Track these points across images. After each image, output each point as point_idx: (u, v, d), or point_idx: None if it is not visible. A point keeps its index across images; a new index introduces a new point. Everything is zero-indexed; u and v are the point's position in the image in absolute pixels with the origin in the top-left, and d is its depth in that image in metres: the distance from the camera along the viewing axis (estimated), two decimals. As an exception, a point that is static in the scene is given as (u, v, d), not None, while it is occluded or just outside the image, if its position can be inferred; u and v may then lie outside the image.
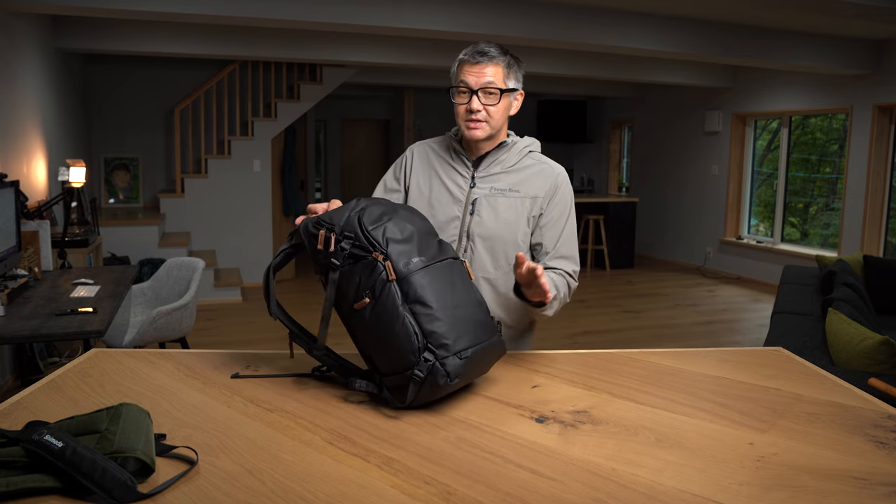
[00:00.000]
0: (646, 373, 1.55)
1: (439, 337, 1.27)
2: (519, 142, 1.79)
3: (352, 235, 1.34)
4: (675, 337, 5.73)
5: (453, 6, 4.99)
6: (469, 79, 1.66)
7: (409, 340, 1.27)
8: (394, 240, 1.34)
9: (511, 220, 1.71)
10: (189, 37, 6.03)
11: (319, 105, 8.26)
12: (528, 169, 1.76)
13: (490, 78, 1.66)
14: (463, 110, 1.69)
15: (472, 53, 1.67)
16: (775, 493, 1.02)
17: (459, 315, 1.32)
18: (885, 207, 6.90)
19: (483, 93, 1.66)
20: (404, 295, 1.29)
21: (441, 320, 1.29)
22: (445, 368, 1.26)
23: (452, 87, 1.71)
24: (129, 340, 3.54)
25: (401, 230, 1.36)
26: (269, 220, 7.45)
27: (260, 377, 1.46)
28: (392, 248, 1.32)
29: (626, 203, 9.10)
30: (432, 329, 1.27)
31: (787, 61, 6.32)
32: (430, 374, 1.26)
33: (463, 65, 1.69)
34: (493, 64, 1.66)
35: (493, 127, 1.70)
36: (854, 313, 3.32)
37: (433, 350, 1.26)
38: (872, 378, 2.25)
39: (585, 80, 8.95)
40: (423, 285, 1.30)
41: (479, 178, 1.74)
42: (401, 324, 1.28)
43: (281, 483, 1.01)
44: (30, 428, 0.98)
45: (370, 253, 1.32)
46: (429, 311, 1.28)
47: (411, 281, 1.30)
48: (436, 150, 1.81)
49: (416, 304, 1.29)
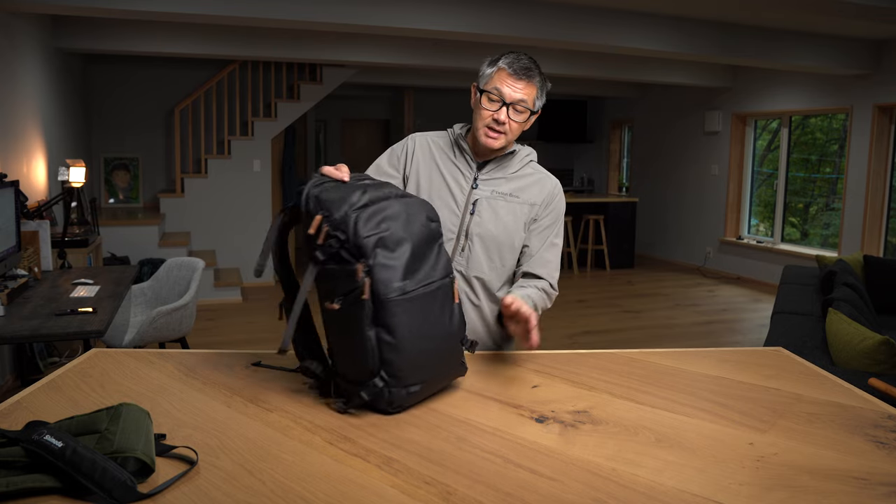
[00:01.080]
0: (646, 373, 1.55)
1: (394, 369, 1.26)
2: (521, 150, 1.81)
3: (343, 237, 1.27)
4: (675, 337, 5.73)
5: (454, 6, 4.99)
6: (505, 90, 1.65)
7: (365, 358, 1.26)
8: (384, 254, 1.27)
9: (510, 223, 1.73)
10: (189, 37, 6.03)
11: (319, 105, 8.26)
12: (528, 177, 1.78)
13: (525, 97, 1.66)
14: (488, 117, 1.67)
15: (515, 67, 1.65)
16: (775, 493, 1.02)
17: (423, 348, 1.30)
18: (885, 207, 6.90)
19: (514, 108, 1.66)
20: (374, 316, 1.25)
21: (401, 352, 1.26)
22: (391, 397, 1.27)
23: (483, 90, 1.68)
24: (129, 340, 3.54)
25: (395, 244, 1.29)
26: (269, 220, 7.45)
27: (281, 369, 1.50)
28: (378, 263, 1.26)
29: (626, 203, 9.10)
30: (390, 359, 1.25)
31: (787, 61, 6.32)
32: (374, 398, 1.27)
33: (503, 74, 1.66)
34: (531, 84, 1.66)
35: (509, 140, 1.71)
36: (854, 313, 3.32)
37: (385, 378, 1.26)
38: (872, 378, 2.25)
39: (585, 80, 8.95)
40: (395, 314, 1.26)
41: (481, 180, 1.74)
42: (362, 341, 1.26)
43: (281, 483, 1.01)
44: (30, 428, 0.98)
45: (355, 261, 1.26)
46: (392, 341, 1.25)
47: (386, 306, 1.25)
48: (439, 145, 1.80)
49: (381, 329, 1.26)
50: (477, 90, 1.71)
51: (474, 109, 1.72)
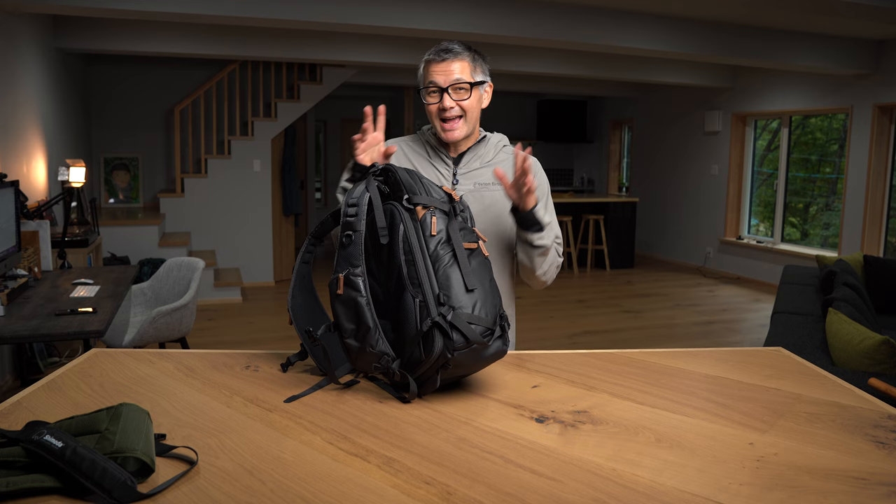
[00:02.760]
0: (646, 373, 1.55)
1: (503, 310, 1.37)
2: (492, 136, 1.82)
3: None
4: (675, 337, 5.73)
5: (454, 6, 5.00)
6: (437, 78, 1.67)
7: (496, 294, 1.34)
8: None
9: (498, 212, 1.74)
10: (189, 37, 6.03)
11: (319, 105, 8.27)
12: (504, 162, 1.79)
13: (458, 74, 1.67)
14: (435, 109, 1.69)
15: (436, 52, 1.68)
16: (775, 493, 1.02)
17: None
18: (885, 207, 6.90)
19: (453, 89, 1.67)
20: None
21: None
22: (506, 333, 1.34)
23: (422, 89, 1.71)
24: (129, 340, 3.54)
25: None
26: (269, 219, 7.46)
27: (309, 393, 1.36)
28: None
29: (626, 203, 9.10)
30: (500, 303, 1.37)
31: (787, 61, 6.32)
32: (496, 351, 1.32)
33: (429, 65, 1.69)
34: (458, 60, 1.67)
35: (468, 123, 1.71)
36: (854, 313, 3.32)
37: (504, 318, 1.33)
38: (872, 378, 2.25)
39: (585, 80, 8.95)
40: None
41: (461, 175, 1.76)
42: (491, 280, 1.34)
43: (281, 483, 1.01)
44: (30, 428, 0.98)
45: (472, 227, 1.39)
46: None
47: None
48: (412, 148, 1.81)
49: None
50: (420, 95, 1.73)
51: (427, 113, 1.74)
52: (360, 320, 1.31)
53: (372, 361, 1.32)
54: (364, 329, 1.31)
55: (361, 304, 1.31)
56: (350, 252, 1.33)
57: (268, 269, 7.51)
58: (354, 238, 1.33)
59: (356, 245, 1.33)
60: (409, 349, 1.30)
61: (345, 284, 1.32)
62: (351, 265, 1.33)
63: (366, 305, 1.31)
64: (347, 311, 1.33)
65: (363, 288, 1.32)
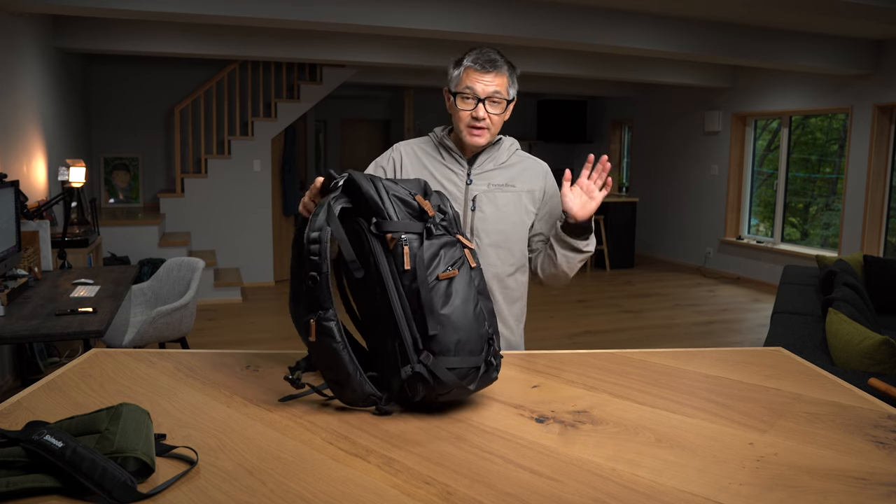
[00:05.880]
0: (646, 373, 1.55)
1: (494, 332, 1.30)
2: (505, 140, 1.83)
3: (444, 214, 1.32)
4: (675, 337, 5.73)
5: (454, 6, 4.99)
6: (477, 87, 1.67)
7: (481, 324, 1.26)
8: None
9: (511, 213, 1.76)
10: (189, 37, 6.03)
11: (319, 105, 8.26)
12: (517, 165, 1.81)
13: (497, 88, 1.67)
14: (467, 116, 1.69)
15: (481, 62, 1.67)
16: (775, 493, 1.02)
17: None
18: (885, 207, 6.90)
19: (489, 102, 1.68)
20: (476, 282, 1.30)
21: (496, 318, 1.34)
22: (496, 362, 1.28)
23: (455, 92, 1.70)
24: (129, 340, 3.54)
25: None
26: (269, 219, 7.46)
27: (307, 394, 1.33)
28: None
29: (626, 203, 9.10)
30: (493, 323, 1.30)
31: (787, 61, 6.32)
32: (486, 372, 1.26)
33: (470, 72, 1.68)
34: (500, 74, 1.68)
35: (493, 133, 1.73)
36: (854, 313, 3.32)
37: (491, 344, 1.28)
38: (872, 378, 2.25)
39: (585, 80, 8.95)
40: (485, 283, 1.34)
41: (475, 175, 1.76)
42: (476, 306, 1.26)
43: (281, 483, 1.01)
44: (30, 428, 0.98)
45: (455, 235, 1.31)
46: (490, 305, 1.32)
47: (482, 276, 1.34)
48: (425, 150, 1.81)
49: (481, 296, 1.30)
50: (449, 93, 1.73)
51: (452, 113, 1.74)
52: (339, 366, 1.24)
53: (358, 402, 1.27)
54: (344, 375, 1.24)
55: (338, 350, 1.23)
56: (318, 295, 1.23)
57: (268, 269, 7.51)
58: (320, 280, 1.22)
59: (322, 287, 1.22)
60: (395, 383, 1.26)
61: (317, 332, 1.23)
62: (321, 308, 1.23)
63: (343, 350, 1.23)
64: (324, 358, 1.25)
65: (337, 333, 1.23)
